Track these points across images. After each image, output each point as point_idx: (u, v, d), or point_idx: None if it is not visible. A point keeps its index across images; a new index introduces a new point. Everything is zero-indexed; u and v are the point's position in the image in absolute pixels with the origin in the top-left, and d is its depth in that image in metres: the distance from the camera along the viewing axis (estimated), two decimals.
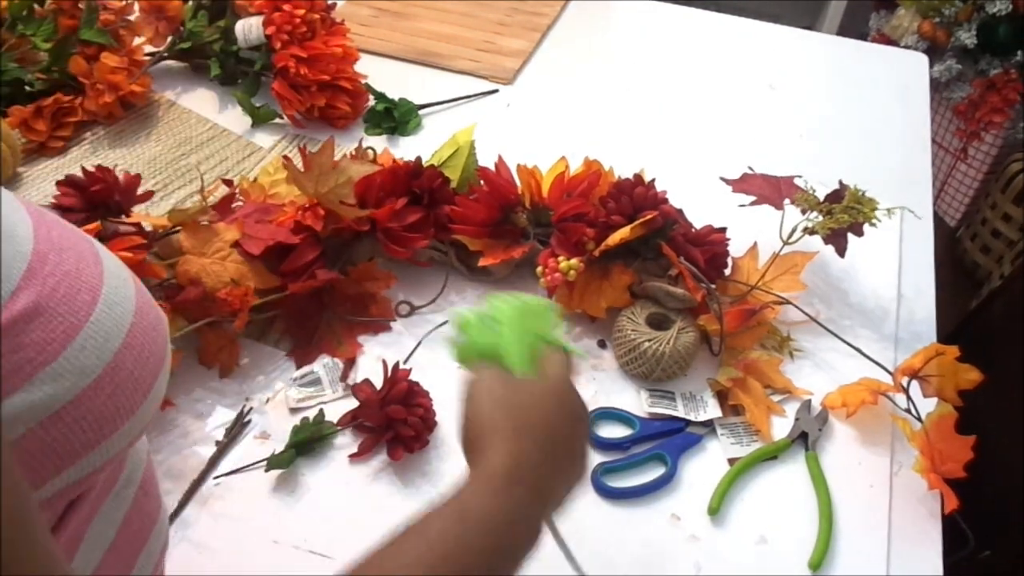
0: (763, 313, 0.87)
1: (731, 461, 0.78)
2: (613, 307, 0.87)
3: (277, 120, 1.15)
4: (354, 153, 0.98)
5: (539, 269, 0.87)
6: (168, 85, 1.20)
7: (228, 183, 0.92)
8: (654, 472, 0.77)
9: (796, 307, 0.89)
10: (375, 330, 0.88)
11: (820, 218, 0.88)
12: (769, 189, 0.93)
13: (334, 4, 1.19)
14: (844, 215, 0.86)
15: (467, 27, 1.37)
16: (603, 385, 0.84)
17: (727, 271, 0.91)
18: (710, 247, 0.88)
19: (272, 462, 0.74)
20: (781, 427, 0.81)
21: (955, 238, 2.17)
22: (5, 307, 0.37)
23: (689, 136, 1.17)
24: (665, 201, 0.89)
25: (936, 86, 1.94)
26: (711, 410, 0.81)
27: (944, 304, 0.95)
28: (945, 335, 0.91)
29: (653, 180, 0.90)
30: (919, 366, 0.79)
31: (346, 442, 0.78)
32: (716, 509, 0.74)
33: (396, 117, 1.16)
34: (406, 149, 1.13)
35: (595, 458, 0.78)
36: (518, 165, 0.93)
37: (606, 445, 0.78)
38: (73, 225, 0.47)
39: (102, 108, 1.10)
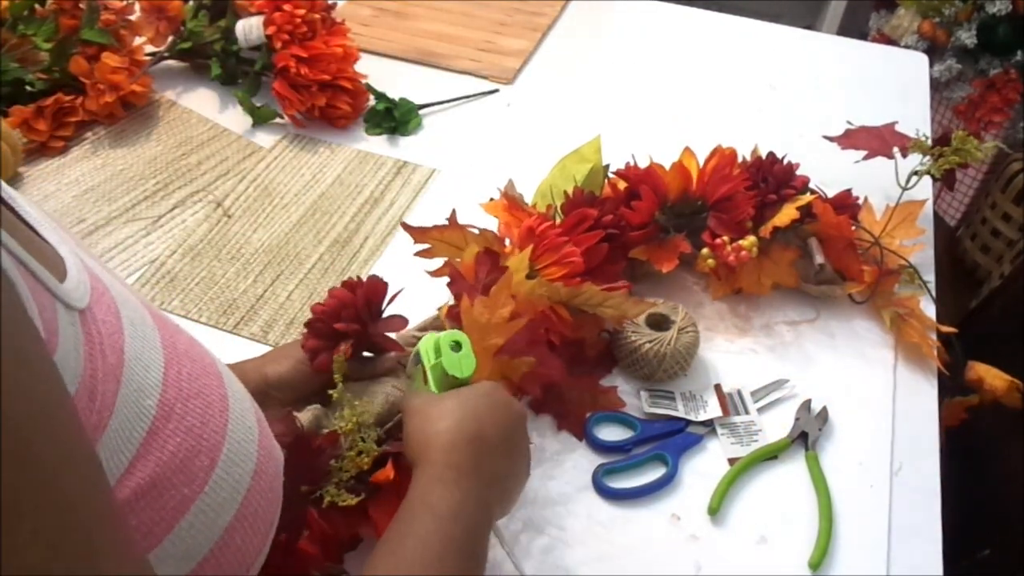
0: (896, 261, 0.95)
1: (731, 461, 0.78)
2: (779, 285, 0.91)
3: (277, 120, 1.15)
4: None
5: (705, 251, 0.89)
6: (169, 85, 1.20)
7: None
8: (655, 473, 0.77)
9: (912, 267, 0.94)
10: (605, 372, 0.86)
11: (931, 161, 0.96)
12: (876, 141, 0.99)
13: (334, 4, 1.19)
14: (954, 156, 0.95)
15: (467, 27, 1.37)
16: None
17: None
18: (846, 208, 0.92)
19: None
20: (781, 427, 0.81)
21: (955, 237, 2.17)
22: (117, 488, 0.32)
23: (690, 136, 1.17)
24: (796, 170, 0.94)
25: (936, 86, 1.94)
26: (711, 409, 0.81)
27: (944, 303, 0.96)
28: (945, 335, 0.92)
29: (784, 156, 0.95)
30: None
31: None
32: (716, 509, 0.74)
33: (396, 117, 1.16)
34: (406, 149, 1.13)
35: (596, 459, 0.78)
36: (652, 162, 0.92)
37: (607, 447, 0.78)
38: (200, 344, 0.42)
39: (103, 108, 1.10)
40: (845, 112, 1.25)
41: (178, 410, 0.36)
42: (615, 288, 0.79)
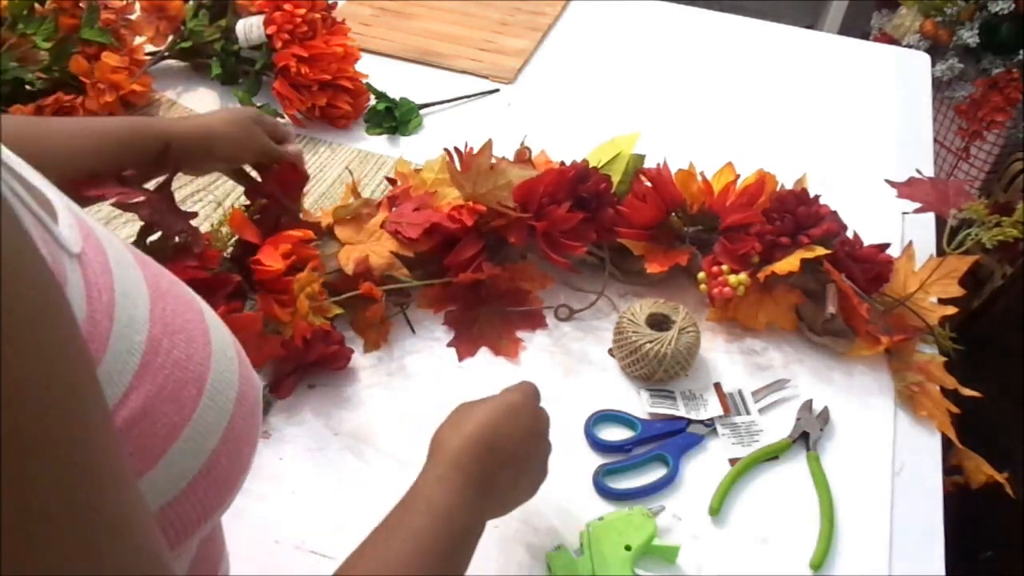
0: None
1: (732, 461, 0.78)
2: (774, 324, 0.88)
3: (278, 119, 1.15)
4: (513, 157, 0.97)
5: (701, 275, 0.87)
6: (169, 84, 1.20)
7: (392, 181, 0.96)
8: (655, 473, 0.77)
9: (940, 333, 0.86)
10: (533, 326, 0.88)
11: (982, 229, 0.86)
12: (936, 196, 0.90)
13: (335, 3, 1.19)
14: (1013, 229, 0.85)
15: (468, 26, 1.37)
16: (604, 387, 0.84)
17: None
18: (873, 266, 0.87)
19: None
20: (782, 427, 0.81)
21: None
22: (113, 414, 0.33)
23: (690, 136, 1.17)
24: (828, 217, 0.86)
25: (938, 85, 1.93)
26: (711, 408, 0.81)
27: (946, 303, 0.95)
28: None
29: (817, 196, 0.88)
30: None
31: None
32: (717, 509, 0.74)
33: (397, 117, 1.16)
34: (407, 148, 1.13)
35: (597, 460, 0.78)
36: (680, 169, 0.92)
37: (608, 447, 0.78)
38: (181, 283, 0.43)
39: (103, 108, 1.09)
40: (846, 112, 1.25)
41: (165, 344, 0.37)
42: (570, 247, 0.86)
